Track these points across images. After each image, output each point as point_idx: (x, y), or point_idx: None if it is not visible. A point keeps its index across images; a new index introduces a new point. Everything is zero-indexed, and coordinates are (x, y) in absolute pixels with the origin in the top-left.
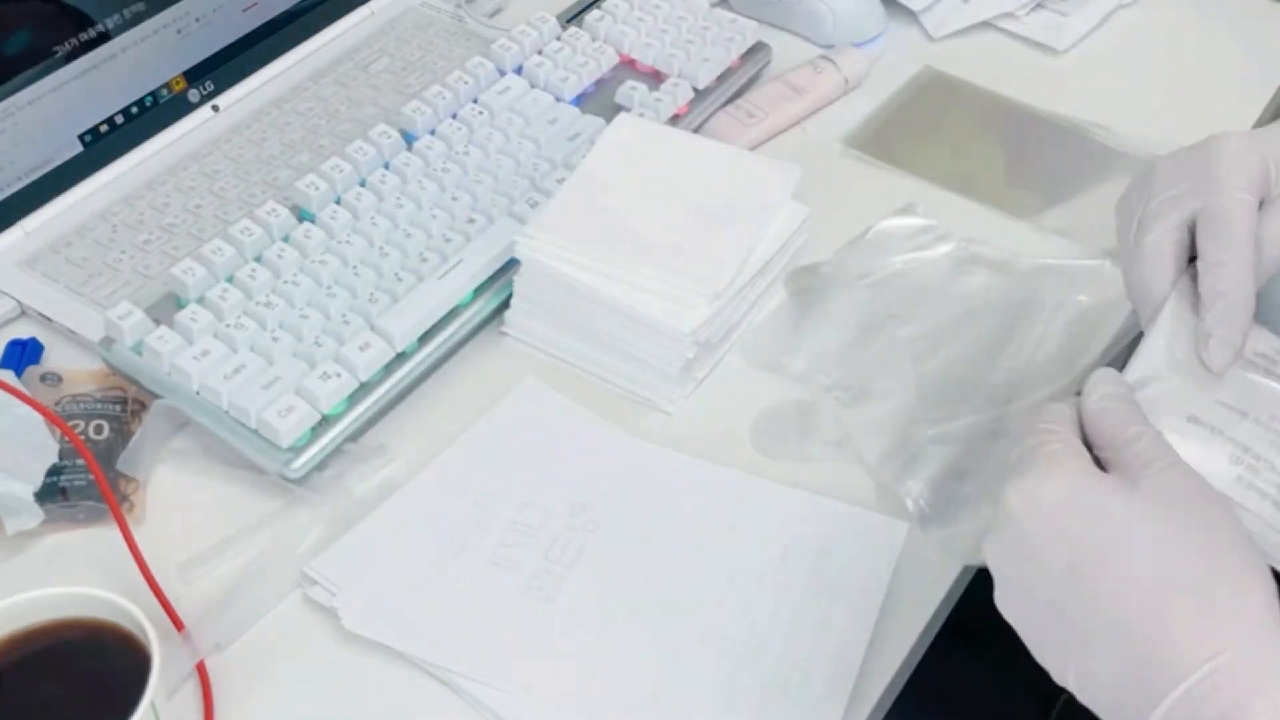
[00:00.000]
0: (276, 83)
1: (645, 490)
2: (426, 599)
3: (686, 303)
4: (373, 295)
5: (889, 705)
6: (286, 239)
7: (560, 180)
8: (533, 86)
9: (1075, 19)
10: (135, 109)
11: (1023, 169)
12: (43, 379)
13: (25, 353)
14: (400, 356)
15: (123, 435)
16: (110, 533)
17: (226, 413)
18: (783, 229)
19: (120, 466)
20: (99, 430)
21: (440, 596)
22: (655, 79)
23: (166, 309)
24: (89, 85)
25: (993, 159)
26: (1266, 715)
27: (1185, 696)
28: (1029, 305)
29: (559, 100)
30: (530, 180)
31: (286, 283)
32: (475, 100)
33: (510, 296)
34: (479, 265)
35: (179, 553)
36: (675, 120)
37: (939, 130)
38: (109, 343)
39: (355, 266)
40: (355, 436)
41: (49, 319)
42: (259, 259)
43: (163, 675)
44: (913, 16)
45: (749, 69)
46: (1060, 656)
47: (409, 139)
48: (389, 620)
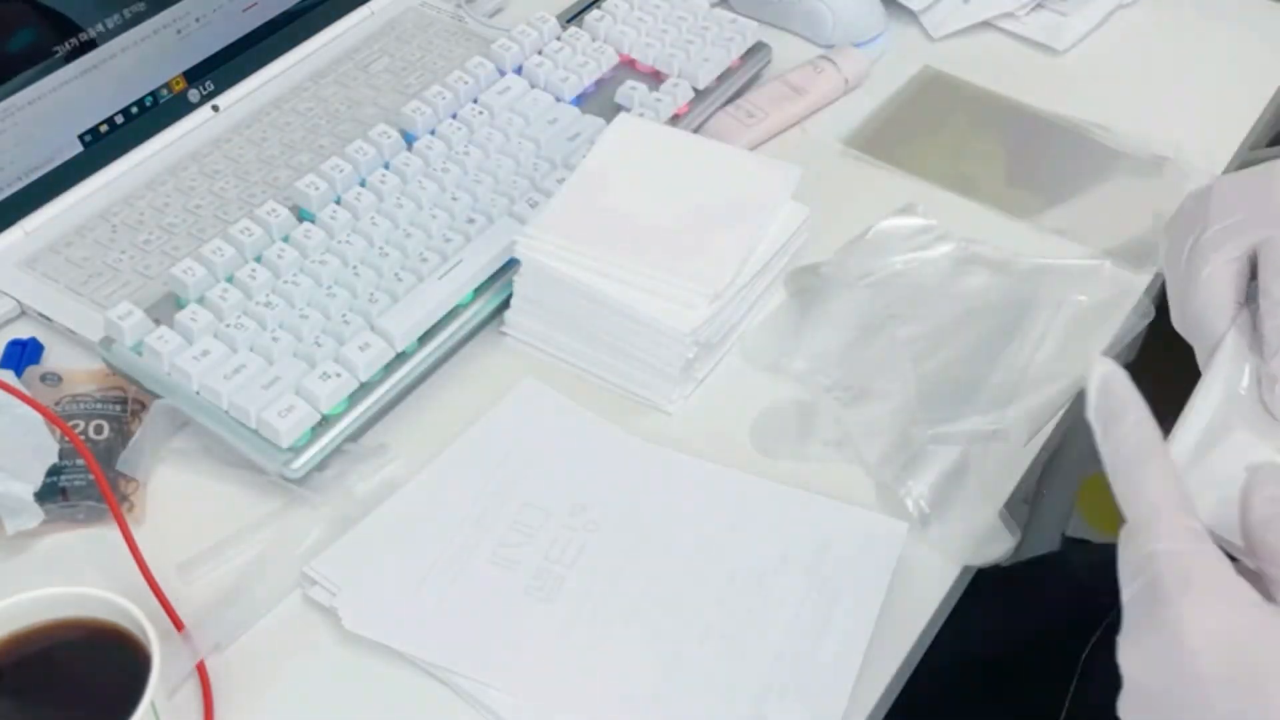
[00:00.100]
0: (276, 83)
1: (645, 490)
2: (426, 599)
3: (686, 303)
4: (373, 295)
5: (889, 705)
6: (286, 239)
7: (560, 180)
8: (533, 86)
9: (1075, 19)
10: (135, 109)
11: (1023, 169)
12: (43, 379)
13: (25, 353)
14: (400, 356)
15: (123, 435)
16: (110, 533)
17: (226, 413)
18: (783, 229)
19: (120, 466)
20: (99, 430)
21: (440, 596)
22: (655, 79)
23: (166, 309)
24: (89, 85)
25: (993, 159)
26: None
27: None
28: (1029, 305)
29: (559, 100)
30: (530, 180)
31: (286, 283)
32: (475, 100)
33: (510, 296)
34: (479, 265)
35: (179, 553)
36: (675, 120)
37: (939, 130)
38: (109, 343)
39: (355, 266)
40: (355, 436)
41: (49, 319)
42: (259, 259)
43: (163, 675)
44: (913, 16)
45: (749, 69)
46: None
47: (409, 139)
48: (389, 620)
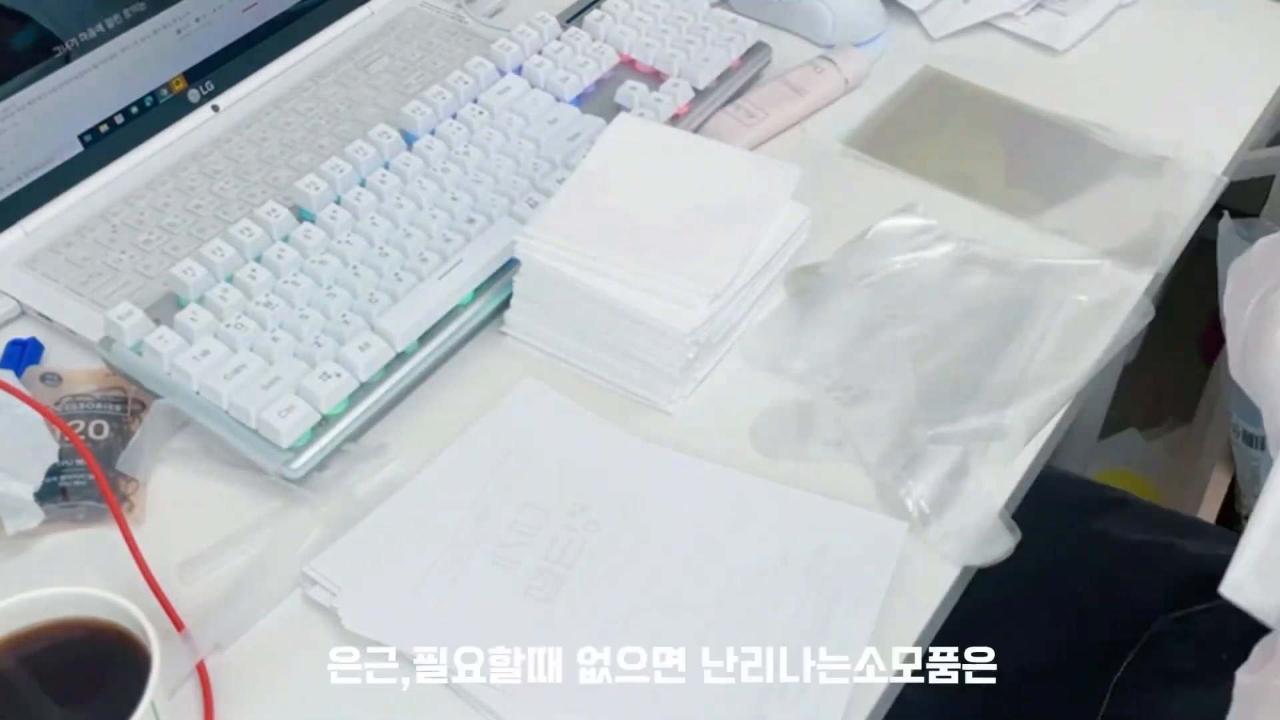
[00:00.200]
0: (276, 83)
1: (645, 490)
2: (426, 599)
3: (686, 303)
4: (373, 295)
5: (889, 705)
6: (286, 239)
7: (560, 180)
8: (533, 86)
9: (1075, 19)
10: (135, 109)
11: (1023, 169)
12: (43, 379)
13: (25, 353)
14: (400, 356)
15: (123, 435)
16: (110, 533)
17: (226, 413)
18: (783, 229)
19: (120, 466)
20: (99, 430)
21: (440, 596)
22: (655, 79)
23: (166, 309)
24: (89, 85)
25: (993, 159)
26: None
27: None
28: (1029, 305)
29: (559, 100)
30: (530, 180)
31: (286, 283)
32: (475, 100)
33: (510, 296)
34: (479, 265)
35: (179, 553)
36: (675, 120)
37: (939, 130)
38: (109, 343)
39: (355, 266)
40: (355, 436)
41: (49, 319)
42: (259, 259)
43: (163, 675)
44: (913, 16)
45: (749, 69)
46: None
47: (409, 139)
48: (389, 620)
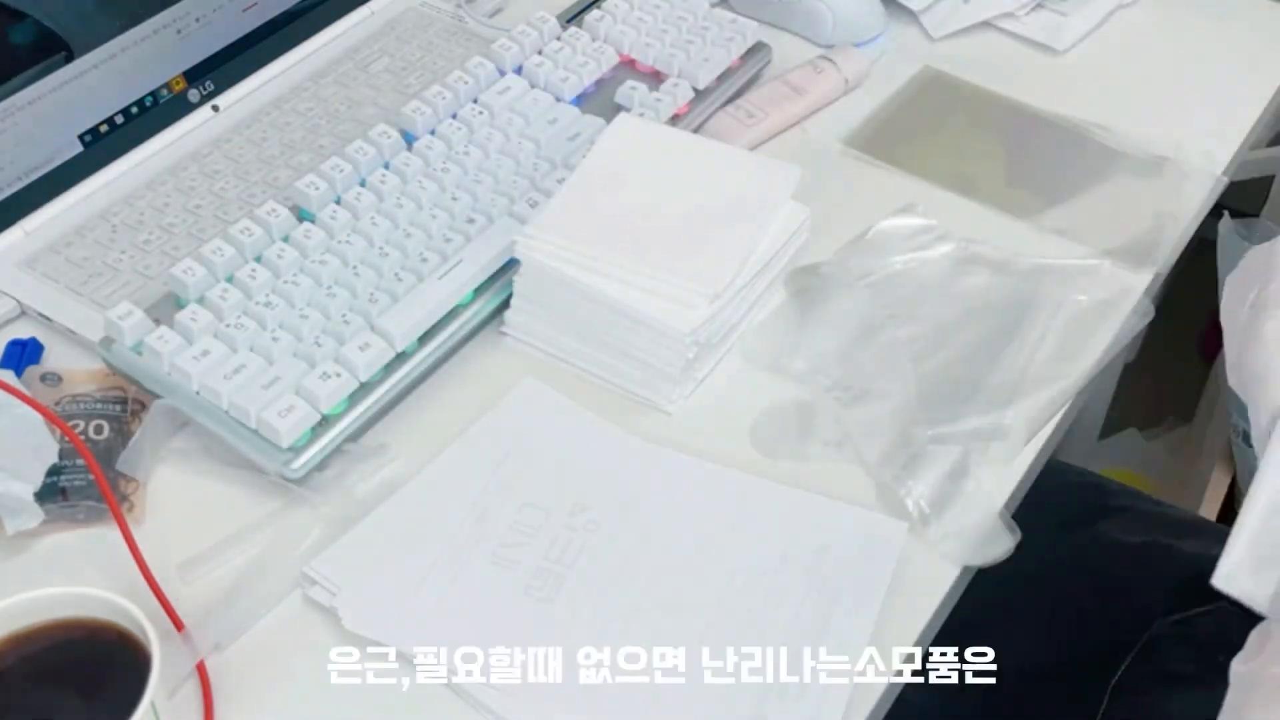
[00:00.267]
0: (276, 83)
1: (645, 490)
2: (426, 599)
3: (686, 303)
4: (373, 295)
5: (889, 705)
6: (286, 239)
7: (560, 180)
8: (533, 86)
9: (1075, 19)
10: (135, 109)
11: (1023, 169)
12: (43, 379)
13: (25, 353)
14: (400, 356)
15: (123, 435)
16: (110, 533)
17: (226, 413)
18: (783, 229)
19: (120, 466)
20: (99, 430)
21: (440, 596)
22: (655, 79)
23: (166, 309)
24: (89, 85)
25: (993, 159)
26: None
27: None
28: (1029, 305)
29: (559, 100)
30: (530, 180)
31: (286, 283)
32: (475, 100)
33: (510, 296)
34: (479, 265)
35: (179, 553)
36: (675, 120)
37: (939, 130)
38: (109, 343)
39: (355, 266)
40: (355, 436)
41: (49, 319)
42: (259, 259)
43: (163, 675)
44: (913, 16)
45: (749, 69)
46: None
47: (409, 139)
48: (389, 620)
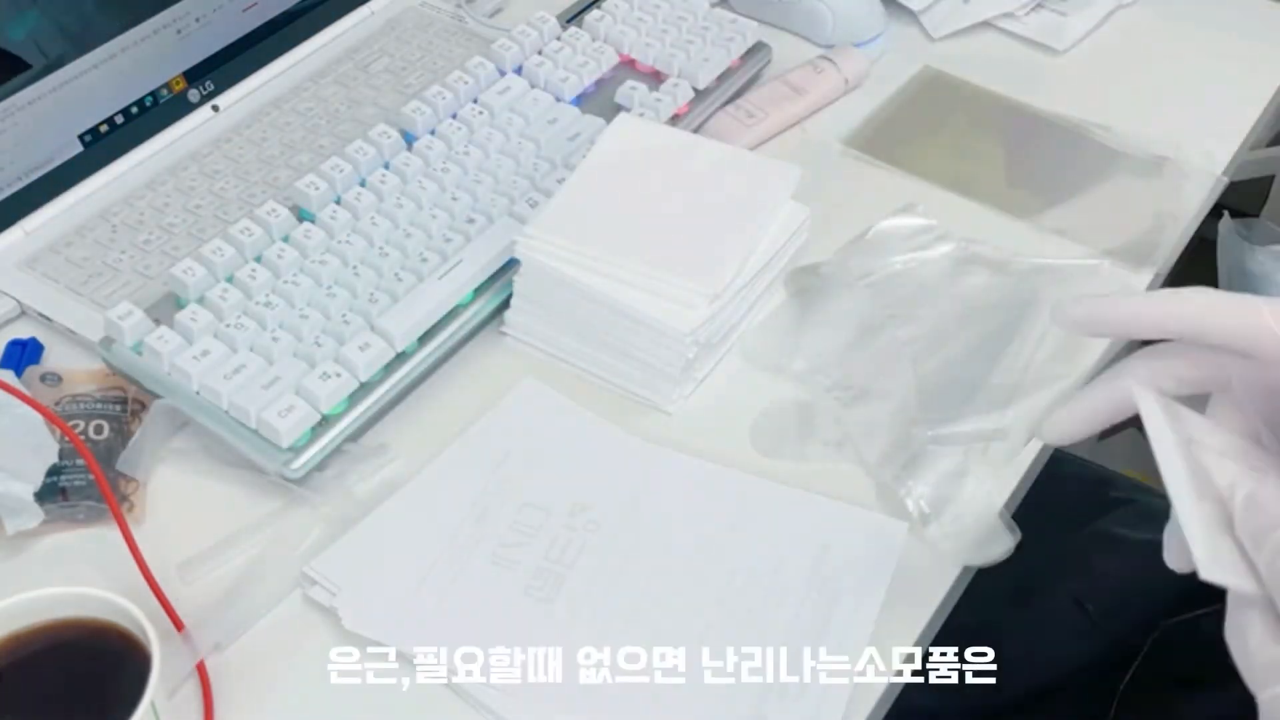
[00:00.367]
0: (276, 83)
1: (645, 490)
2: (426, 599)
3: (686, 303)
4: (373, 295)
5: (889, 706)
6: (286, 239)
7: (560, 180)
8: (533, 86)
9: (1075, 19)
10: (135, 109)
11: (1023, 169)
12: (43, 379)
13: (25, 353)
14: (400, 356)
15: (123, 435)
16: (110, 533)
17: (226, 413)
18: (783, 229)
19: (120, 466)
20: (99, 430)
21: (440, 596)
22: (655, 79)
23: (166, 309)
24: (89, 85)
25: (993, 159)
26: None
27: None
28: (1029, 305)
29: (559, 100)
30: (530, 180)
31: (286, 283)
32: (475, 100)
33: (510, 296)
34: (479, 265)
35: (179, 553)
36: (675, 120)
37: (939, 130)
38: (109, 343)
39: (355, 266)
40: (355, 436)
41: (49, 319)
42: (259, 259)
43: (163, 675)
44: (913, 16)
45: (749, 69)
46: None
47: (409, 139)
48: (389, 620)
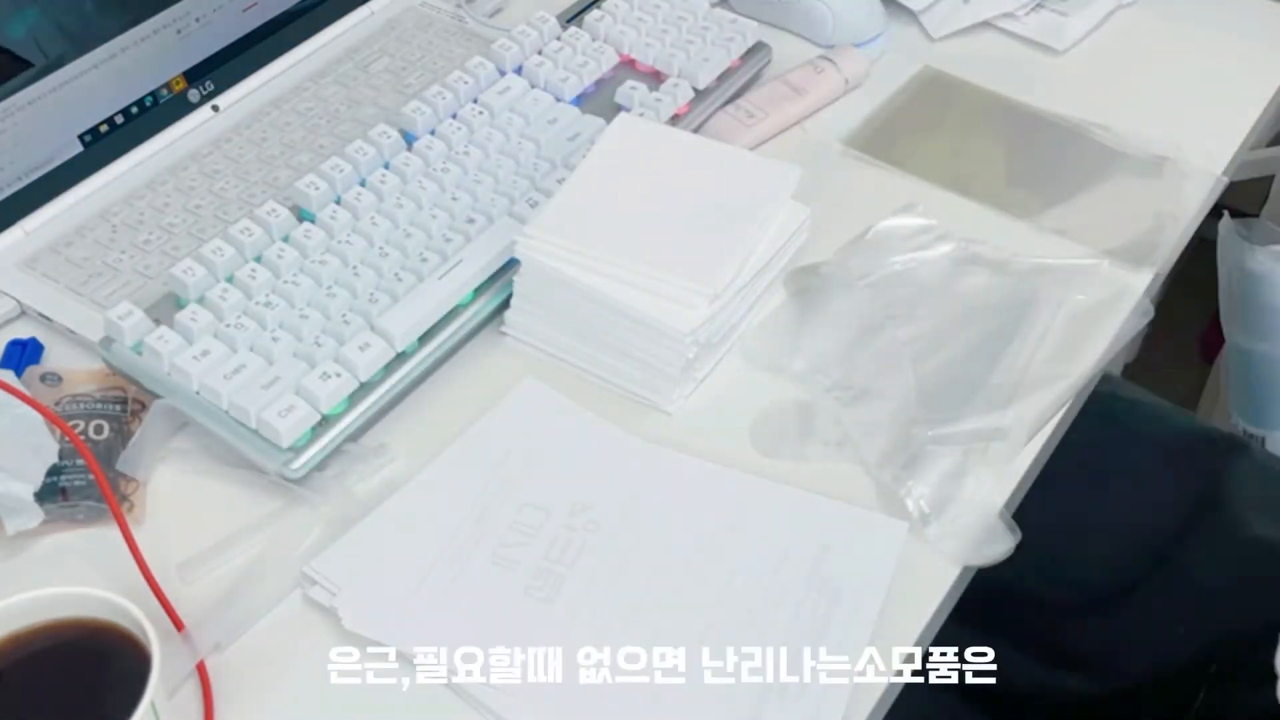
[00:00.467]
0: (276, 83)
1: (645, 490)
2: (426, 599)
3: (686, 303)
4: (373, 295)
5: (889, 706)
6: (286, 239)
7: (560, 180)
8: (533, 86)
9: (1075, 19)
10: (135, 109)
11: (1023, 169)
12: (43, 379)
13: (25, 353)
14: (400, 356)
15: (123, 435)
16: (110, 533)
17: (226, 413)
18: (783, 229)
19: (120, 466)
20: (99, 430)
21: (440, 596)
22: (655, 79)
23: (166, 309)
24: (89, 85)
25: (993, 159)
26: None
27: None
28: (1029, 305)
29: (559, 100)
30: (530, 180)
31: (286, 283)
32: (475, 100)
33: (510, 296)
34: (479, 265)
35: (179, 553)
36: (675, 120)
37: (939, 130)
38: (109, 343)
39: (355, 266)
40: (355, 436)
41: (49, 319)
42: (259, 259)
43: (163, 675)
44: (913, 16)
45: (749, 69)
46: None
47: (409, 139)
48: (389, 620)
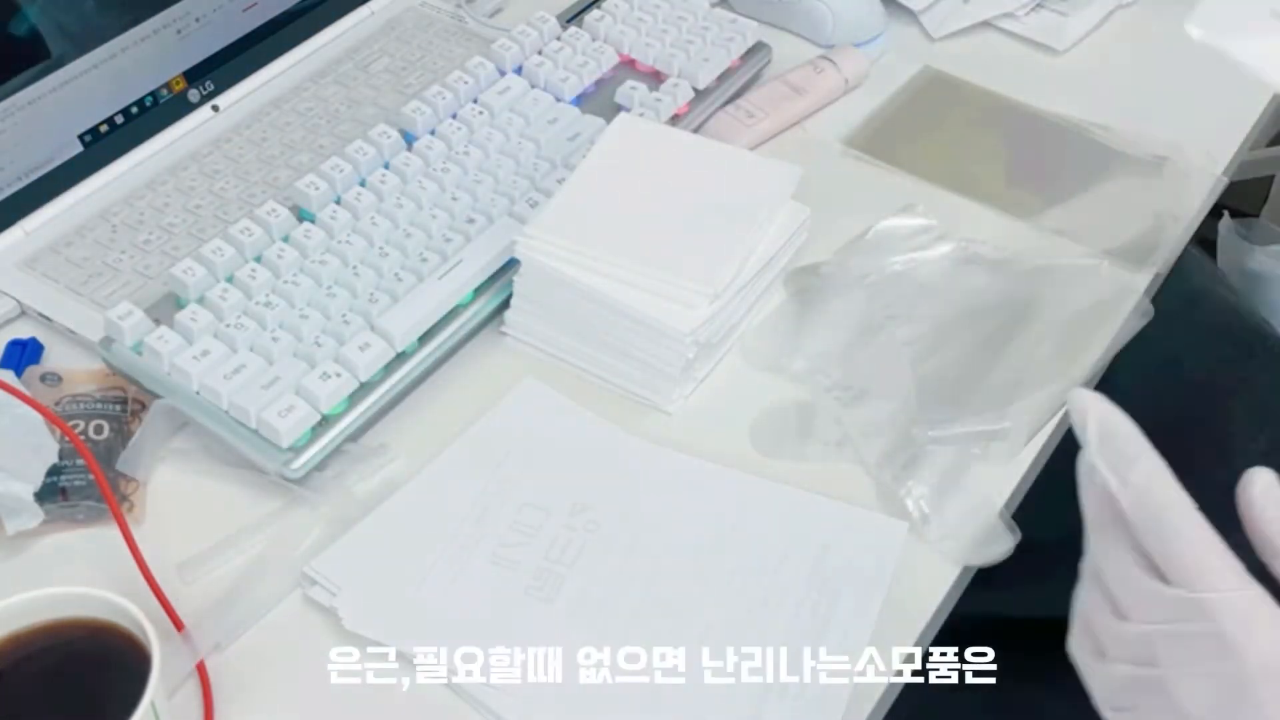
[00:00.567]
0: (276, 83)
1: (645, 490)
2: (426, 599)
3: (686, 302)
4: (373, 295)
5: (889, 706)
6: (286, 239)
7: (560, 180)
8: (533, 86)
9: (1075, 19)
10: (135, 109)
11: (1023, 169)
12: (43, 379)
13: (25, 353)
14: (400, 356)
15: (123, 435)
16: (110, 533)
17: (226, 413)
18: (783, 229)
19: (120, 466)
20: (99, 430)
21: (440, 596)
22: (655, 79)
23: (166, 309)
24: (89, 85)
25: (993, 159)
26: None
27: None
28: (1029, 305)
29: (559, 100)
30: (530, 180)
31: (286, 283)
32: (475, 100)
33: (510, 296)
34: (479, 265)
35: (179, 553)
36: (675, 120)
37: (939, 130)
38: (109, 343)
39: (355, 266)
40: (355, 436)
41: (49, 319)
42: (259, 259)
43: (163, 675)
44: (913, 16)
45: (749, 69)
46: None
47: (409, 139)
48: (389, 620)
